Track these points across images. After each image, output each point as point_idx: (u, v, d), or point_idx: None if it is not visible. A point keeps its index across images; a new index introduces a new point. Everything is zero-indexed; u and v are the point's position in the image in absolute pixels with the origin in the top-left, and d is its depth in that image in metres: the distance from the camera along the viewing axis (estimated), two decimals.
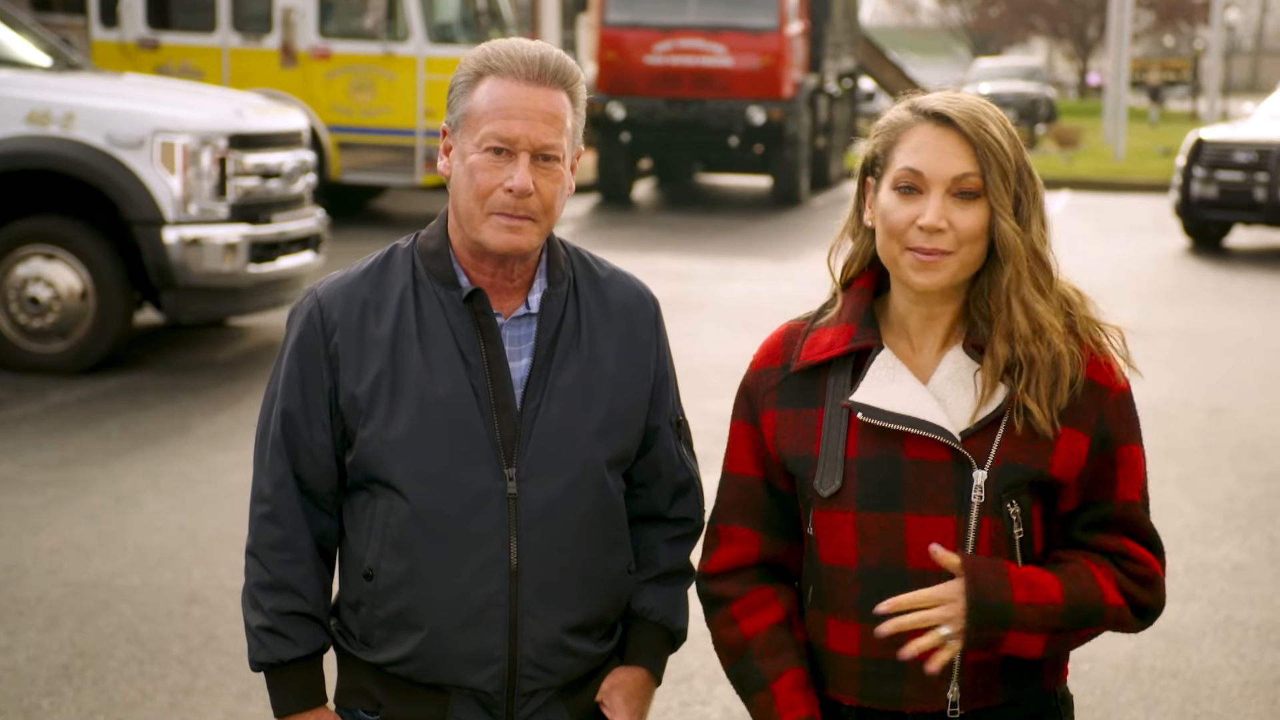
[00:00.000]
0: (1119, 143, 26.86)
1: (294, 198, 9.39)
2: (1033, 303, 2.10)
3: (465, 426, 2.20)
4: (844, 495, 2.11)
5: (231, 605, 5.22)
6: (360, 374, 2.22)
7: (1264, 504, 6.73)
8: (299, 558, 2.27)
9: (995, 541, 2.08)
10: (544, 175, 2.19)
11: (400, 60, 15.05)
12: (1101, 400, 2.12)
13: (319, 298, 2.27)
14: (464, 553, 2.21)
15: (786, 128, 17.89)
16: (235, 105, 9.42)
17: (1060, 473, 2.11)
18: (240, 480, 6.64)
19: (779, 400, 2.20)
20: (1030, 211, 2.12)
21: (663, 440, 2.37)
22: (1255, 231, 16.17)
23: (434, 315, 2.24)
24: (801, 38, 18.75)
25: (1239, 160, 15.10)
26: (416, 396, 2.20)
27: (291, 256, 9.28)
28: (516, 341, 2.26)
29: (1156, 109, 41.02)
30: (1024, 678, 2.14)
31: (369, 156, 15.25)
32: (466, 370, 2.21)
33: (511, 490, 2.20)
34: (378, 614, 2.24)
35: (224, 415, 7.83)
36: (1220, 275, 13.80)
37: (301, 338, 2.26)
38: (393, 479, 2.21)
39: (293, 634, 2.27)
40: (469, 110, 2.20)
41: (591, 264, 2.36)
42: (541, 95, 2.18)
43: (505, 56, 2.19)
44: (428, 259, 2.27)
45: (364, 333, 2.24)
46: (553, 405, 2.23)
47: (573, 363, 2.26)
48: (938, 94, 2.16)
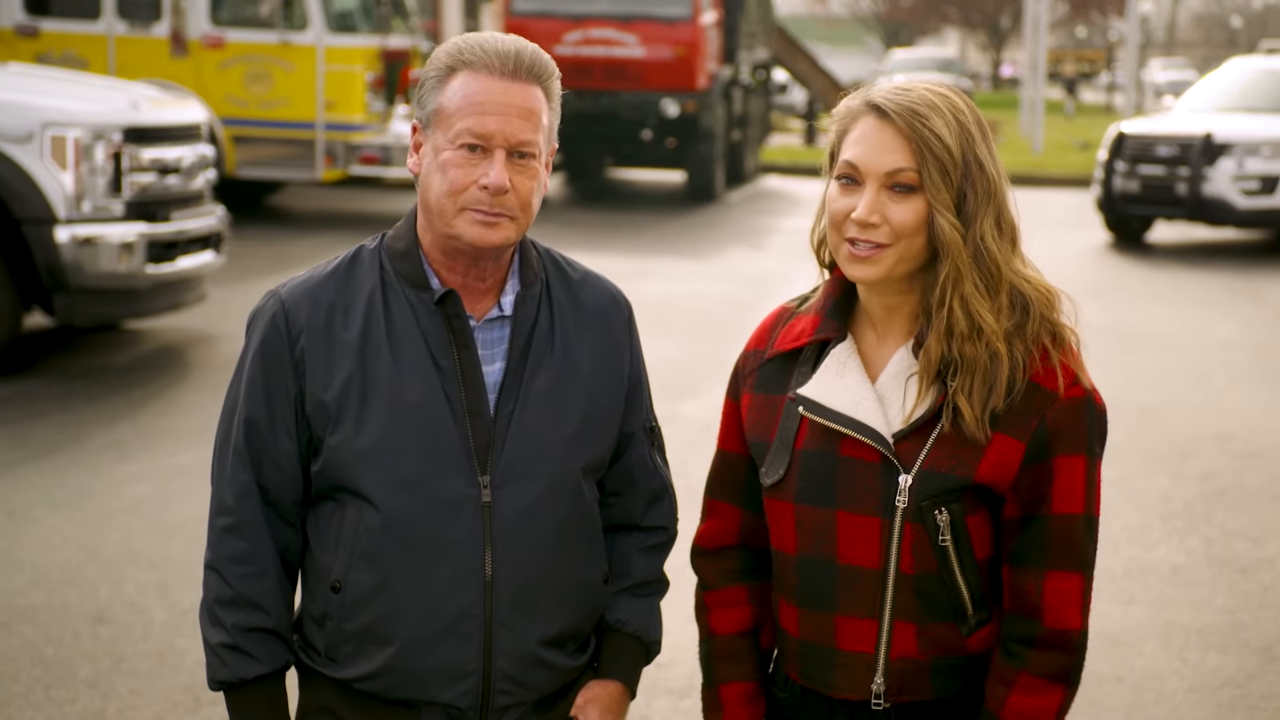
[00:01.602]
0: (1037, 136, 27.28)
1: (193, 194, 9.28)
2: (972, 301, 2.12)
3: (437, 433, 2.20)
4: (785, 485, 2.20)
5: (140, 624, 5.15)
6: (328, 380, 2.21)
7: (1199, 505, 6.87)
8: (262, 571, 2.25)
9: (918, 548, 2.14)
10: (520, 172, 2.19)
11: (298, 50, 14.92)
12: (1045, 406, 2.12)
13: (283, 300, 2.25)
14: (437, 563, 2.20)
15: (701, 121, 17.96)
16: (130, 97, 9.27)
17: (988, 479, 2.12)
18: (142, 492, 6.55)
19: (756, 384, 2.28)
20: (978, 208, 2.13)
21: (636, 447, 2.38)
22: (1177, 226, 16.50)
23: (404, 318, 2.23)
24: (716, 28, 18.83)
25: (1161, 154, 15.40)
26: (387, 402, 2.20)
27: (191, 256, 9.16)
28: (489, 345, 2.26)
29: (1072, 101, 41.73)
30: (957, 677, 2.20)
31: (266, 151, 15.10)
32: (439, 375, 2.21)
33: (485, 498, 2.20)
34: (345, 628, 2.23)
35: (123, 424, 7.70)
36: (1144, 271, 14.07)
37: (265, 342, 2.24)
38: (362, 488, 2.20)
39: (255, 651, 2.24)
40: (441, 106, 2.20)
41: (564, 266, 2.36)
42: (516, 90, 2.18)
43: (479, 50, 2.19)
44: (396, 260, 2.26)
45: (331, 337, 2.22)
46: (527, 410, 2.24)
47: (547, 367, 2.26)
48: (889, 86, 2.18)
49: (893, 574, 2.15)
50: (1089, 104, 46.29)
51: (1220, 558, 6.17)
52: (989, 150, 2.17)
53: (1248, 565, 6.08)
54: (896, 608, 2.16)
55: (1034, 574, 2.15)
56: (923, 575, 2.15)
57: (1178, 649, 5.23)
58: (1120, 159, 15.58)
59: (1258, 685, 4.96)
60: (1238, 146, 15.08)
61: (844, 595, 2.18)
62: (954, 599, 2.16)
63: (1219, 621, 5.48)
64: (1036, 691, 2.14)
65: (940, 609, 2.16)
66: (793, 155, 25.36)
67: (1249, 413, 8.62)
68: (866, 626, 2.18)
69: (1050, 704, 2.15)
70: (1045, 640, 2.14)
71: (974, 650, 2.19)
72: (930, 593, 2.15)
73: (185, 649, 4.96)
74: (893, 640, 2.17)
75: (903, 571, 2.15)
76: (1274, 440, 8.00)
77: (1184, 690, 4.92)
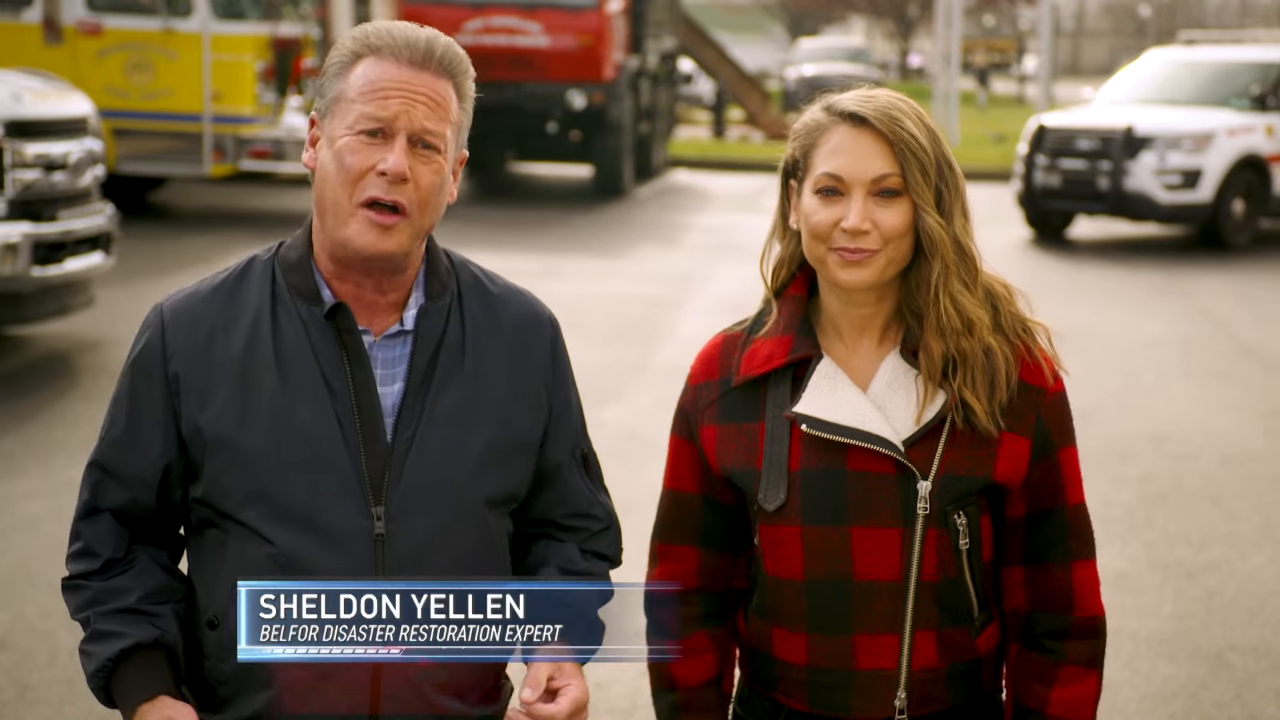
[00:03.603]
0: (952, 129, 27.59)
1: (81, 192, 9.13)
2: (960, 297, 2.22)
3: (327, 460, 2.11)
4: (789, 509, 2.21)
5: (45, 650, 5.05)
6: (204, 402, 2.14)
7: (1139, 509, 7.00)
8: (123, 570, 2.17)
9: (941, 553, 2.21)
10: (423, 163, 2.11)
11: (182, 38, 14.72)
12: (1038, 402, 2.24)
13: (163, 315, 2.19)
14: None
15: (608, 113, 17.98)
16: (11, 88, 9.09)
17: (1004, 478, 2.22)
18: (37, 510, 6.43)
19: (719, 415, 2.28)
20: (953, 204, 2.24)
21: (566, 477, 2.29)
22: (1098, 222, 16.78)
23: (294, 335, 2.15)
24: (623, 16, 18.86)
25: (1082, 148, 15.65)
26: (270, 426, 2.12)
27: (79, 258, 9.01)
28: (389, 364, 2.17)
29: (984, 92, 42.26)
30: (968, 682, 2.28)
31: (149, 144, 14.88)
32: (330, 397, 2.13)
33: (379, 530, 2.11)
34: (223, 669, 2.14)
35: (10, 437, 7.55)
36: (1068, 269, 14.30)
37: (138, 360, 2.19)
38: (244, 518, 2.12)
39: (117, 627, 2.13)
40: (341, 93, 2.13)
41: (482, 279, 2.28)
42: (424, 80, 2.12)
43: (387, 36, 2.14)
44: (288, 271, 2.18)
45: (210, 356, 2.15)
46: (429, 435, 2.15)
47: (453, 386, 2.18)
48: (852, 93, 2.26)
49: (914, 583, 2.20)
50: (1000, 95, 46.95)
51: (1164, 563, 6.29)
52: (947, 148, 2.28)
53: (1192, 570, 6.21)
54: (917, 618, 2.21)
55: (1060, 567, 2.26)
56: (943, 581, 2.21)
57: (1128, 658, 5.32)
58: (1041, 153, 15.81)
59: (1210, 694, 5.06)
60: (1159, 140, 15.34)
61: (862, 613, 2.21)
62: (965, 602, 2.24)
63: (1168, 629, 5.59)
64: (1077, 680, 2.26)
65: (957, 614, 2.24)
66: (701, 149, 25.47)
67: (1181, 413, 8.79)
68: (887, 642, 2.22)
69: (1090, 690, 2.27)
70: (1078, 630, 2.26)
71: (981, 653, 2.28)
72: (949, 598, 2.22)
73: None
74: (914, 652, 2.22)
75: (924, 580, 2.20)
76: (1209, 441, 8.17)
77: (1136, 700, 5.01)
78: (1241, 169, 15.41)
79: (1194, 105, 16.10)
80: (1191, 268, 14.41)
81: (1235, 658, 5.33)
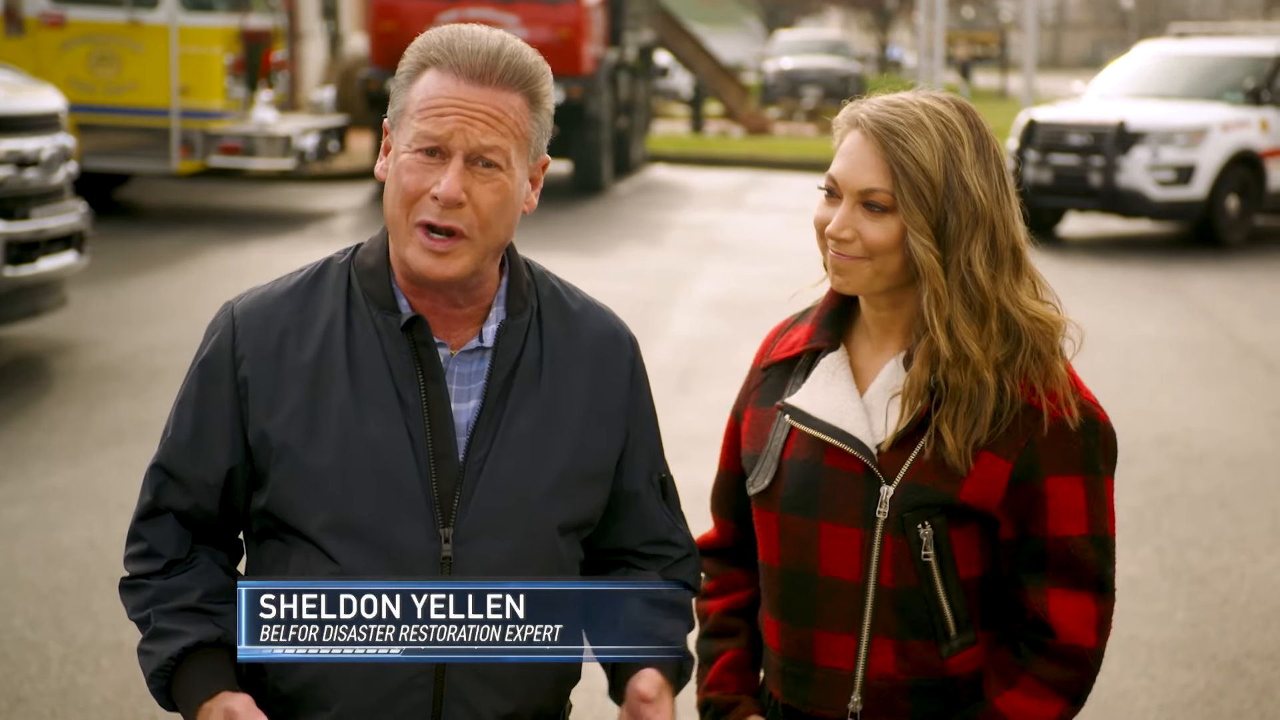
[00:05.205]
0: None
1: (53, 190, 9.10)
2: (958, 328, 2.20)
3: (396, 477, 2.10)
4: (772, 494, 2.31)
5: (36, 661, 5.05)
6: (273, 408, 2.13)
7: (1147, 513, 7.06)
8: (185, 569, 2.18)
9: (899, 561, 2.23)
10: (482, 182, 2.09)
11: (149, 30, 14.69)
12: (1035, 426, 2.21)
13: (234, 317, 2.18)
14: None
15: (587, 107, 17.98)
16: None
17: (973, 499, 2.21)
18: (19, 516, 6.41)
19: (759, 399, 2.40)
20: (962, 233, 2.20)
21: (644, 503, 2.28)
22: (1089, 219, 16.86)
23: (368, 344, 2.14)
24: (601, 8, 18.88)
25: (1073, 143, 15.72)
26: (340, 437, 2.10)
27: (53, 257, 8.98)
28: (466, 380, 2.16)
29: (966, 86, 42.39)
30: (938, 700, 2.28)
31: (115, 139, 14.84)
32: (402, 411, 2.11)
33: (446, 553, 2.10)
34: (280, 687, 2.13)
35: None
36: (1061, 267, 14.36)
37: (206, 361, 2.18)
38: (308, 530, 2.11)
39: (178, 626, 2.12)
40: (405, 106, 2.13)
41: (561, 293, 2.26)
42: (484, 95, 2.10)
43: (447, 48, 2.12)
44: (364, 277, 2.18)
45: (282, 361, 2.14)
46: (503, 456, 2.13)
47: (530, 407, 2.16)
48: (879, 99, 2.27)
49: (872, 587, 2.24)
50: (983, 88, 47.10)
51: (1175, 568, 6.34)
52: (983, 170, 2.22)
53: (1204, 575, 6.26)
54: (876, 623, 2.25)
55: (1036, 593, 2.25)
56: (903, 589, 2.24)
57: (1143, 665, 5.37)
58: (1031, 148, 15.86)
59: (1228, 702, 5.11)
60: (1152, 135, 15.42)
61: (824, 609, 2.28)
62: (936, 617, 2.25)
63: (1182, 635, 5.64)
64: (1035, 696, 2.23)
65: (920, 626, 2.25)
66: (680, 144, 25.50)
67: (1185, 414, 8.86)
68: (845, 642, 2.27)
69: (1047, 712, 2.23)
70: (1055, 651, 2.23)
71: (953, 673, 2.27)
72: (910, 608, 2.24)
73: (89, 686, 4.87)
74: (871, 658, 2.26)
75: (882, 585, 2.24)
76: (1215, 443, 8.24)
77: (1154, 709, 5.05)
78: (1236, 164, 15.50)
79: (1187, 99, 16.18)
80: (1186, 265, 14.50)
81: (1252, 665, 5.38)
